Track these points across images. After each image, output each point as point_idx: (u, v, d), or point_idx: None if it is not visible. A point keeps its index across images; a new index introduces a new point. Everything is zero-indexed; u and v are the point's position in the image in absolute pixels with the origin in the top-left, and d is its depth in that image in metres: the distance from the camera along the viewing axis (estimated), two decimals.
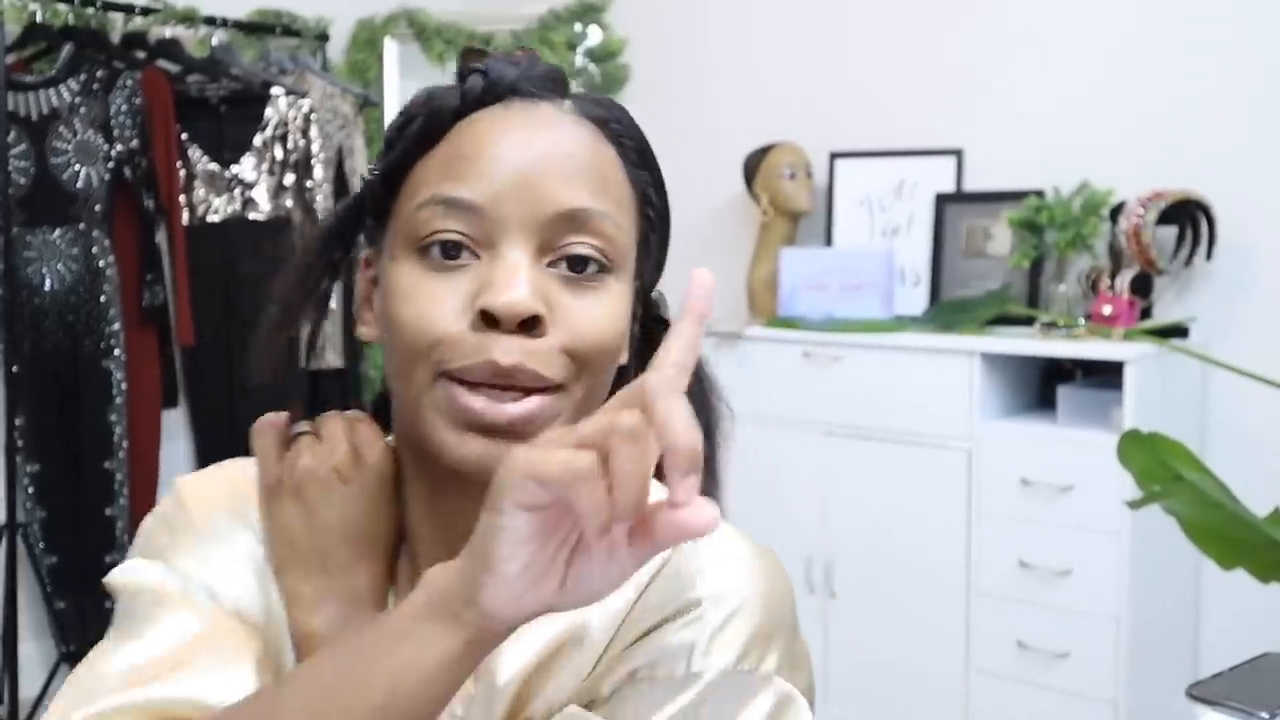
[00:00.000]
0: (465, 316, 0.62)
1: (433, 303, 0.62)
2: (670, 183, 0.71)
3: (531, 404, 0.62)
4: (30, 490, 2.87)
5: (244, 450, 0.76)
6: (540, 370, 0.61)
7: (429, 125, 0.66)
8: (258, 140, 3.17)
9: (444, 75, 3.49)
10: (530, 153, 0.63)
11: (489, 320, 0.61)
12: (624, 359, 0.69)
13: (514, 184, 0.62)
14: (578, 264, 0.64)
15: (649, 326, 0.74)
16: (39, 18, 2.87)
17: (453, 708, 0.64)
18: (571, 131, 0.65)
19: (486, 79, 0.66)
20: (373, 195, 0.69)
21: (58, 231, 2.85)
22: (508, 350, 0.61)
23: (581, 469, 0.46)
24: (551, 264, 0.64)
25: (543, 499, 0.48)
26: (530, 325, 0.61)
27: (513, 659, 0.65)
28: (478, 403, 0.61)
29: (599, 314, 0.64)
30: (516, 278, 0.61)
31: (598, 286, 0.64)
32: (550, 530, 0.50)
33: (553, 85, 0.68)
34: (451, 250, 0.63)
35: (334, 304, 3.57)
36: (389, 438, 0.74)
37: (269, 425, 0.73)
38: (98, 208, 2.87)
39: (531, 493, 0.48)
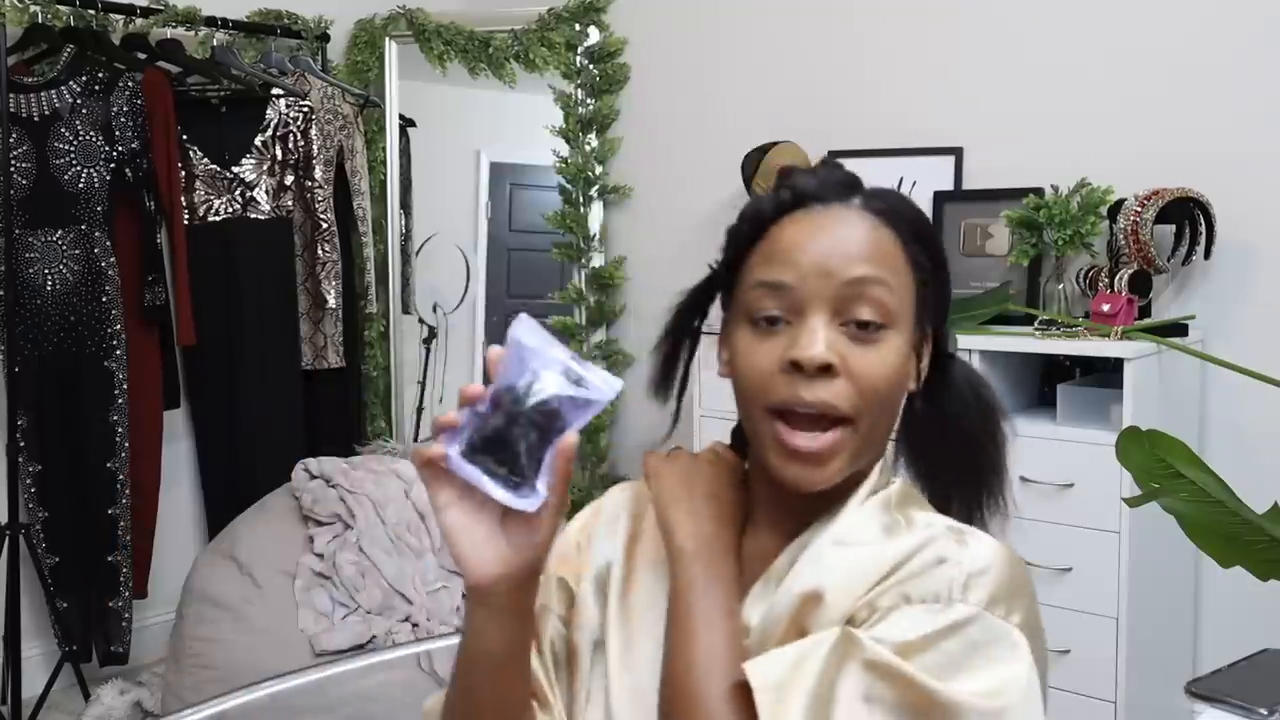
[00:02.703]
0: (778, 364, 0.85)
1: (757, 357, 0.86)
2: (669, 182, 0.79)
3: (829, 437, 0.84)
4: (32, 490, 2.87)
5: (244, 450, 0.85)
6: (832, 402, 0.84)
7: (753, 229, 0.90)
8: (258, 141, 3.18)
9: (444, 75, 3.50)
10: (823, 243, 0.86)
11: (796, 367, 0.83)
12: (911, 387, 0.91)
13: (813, 268, 0.85)
14: (862, 323, 0.85)
15: (936, 358, 0.94)
16: (40, 19, 2.88)
17: (749, 614, 0.87)
18: (855, 223, 0.88)
19: (793, 192, 0.89)
20: (719, 278, 0.94)
21: (59, 232, 2.86)
22: (810, 389, 0.84)
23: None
24: (843, 324, 0.85)
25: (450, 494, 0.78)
26: (825, 370, 0.83)
27: (795, 585, 0.85)
28: (794, 438, 0.84)
29: (878, 362, 0.85)
30: (816, 337, 0.84)
31: (878, 340, 0.86)
32: (467, 505, 0.78)
33: (844, 189, 0.90)
34: (773, 320, 0.86)
35: (333, 303, 3.54)
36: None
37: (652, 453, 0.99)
38: (99, 209, 2.88)
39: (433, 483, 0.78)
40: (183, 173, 3.09)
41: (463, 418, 0.78)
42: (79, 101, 2.87)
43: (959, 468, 0.95)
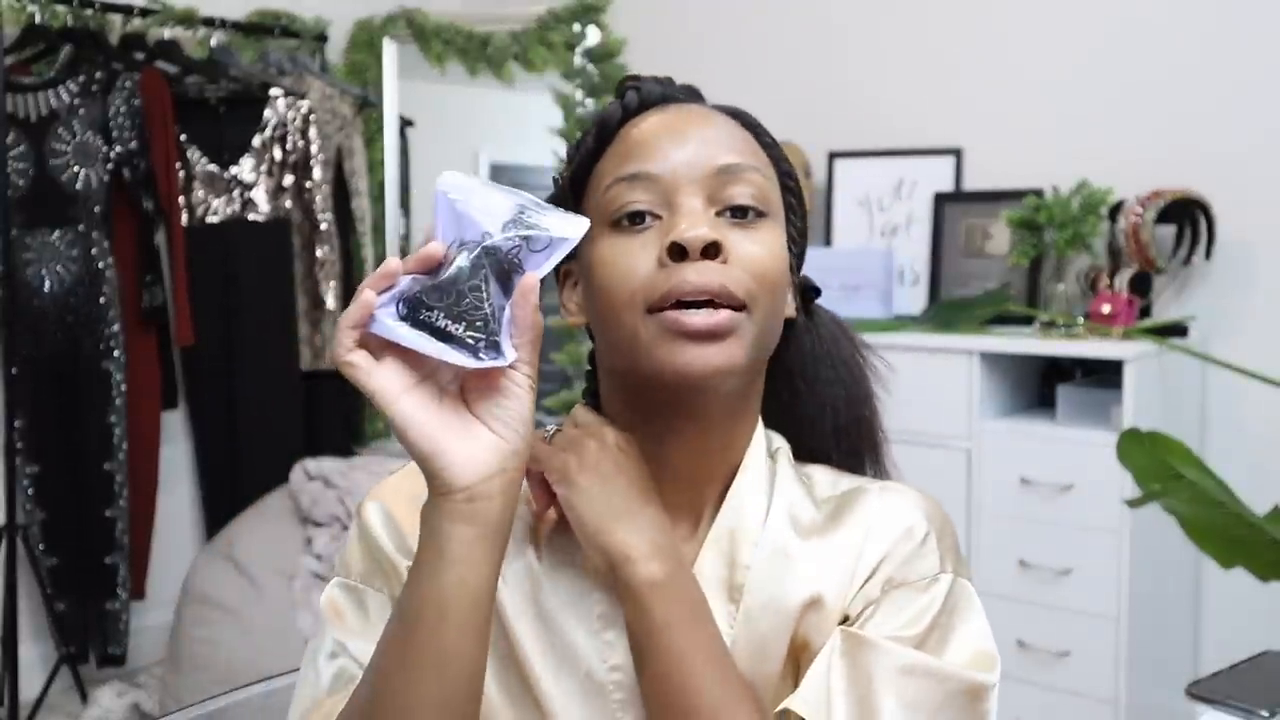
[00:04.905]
0: (656, 259, 0.75)
1: (630, 258, 0.76)
2: None
3: (725, 314, 0.74)
4: (30, 492, 2.87)
5: (243, 451, 0.81)
6: (727, 284, 0.74)
7: (601, 133, 0.82)
8: (256, 141, 3.18)
9: (443, 76, 3.49)
10: (688, 130, 0.79)
11: (678, 253, 0.74)
12: (790, 312, 0.83)
13: (680, 152, 0.77)
14: (739, 210, 0.77)
15: (806, 296, 0.88)
16: (38, 19, 2.87)
17: (720, 626, 0.77)
18: (713, 119, 0.81)
19: (640, 94, 0.82)
20: (564, 199, 0.83)
21: (57, 233, 2.85)
22: (698, 271, 0.74)
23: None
24: (719, 213, 0.77)
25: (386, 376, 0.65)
26: (712, 252, 0.74)
27: (788, 597, 0.79)
28: (686, 317, 0.73)
29: (763, 248, 0.77)
30: (696, 217, 0.75)
31: (758, 227, 0.78)
32: (422, 392, 0.66)
33: (694, 96, 0.85)
34: (638, 217, 0.76)
35: (332, 305, 3.53)
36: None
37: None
38: (97, 209, 2.87)
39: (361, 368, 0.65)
40: (181, 173, 3.08)
41: (399, 282, 0.65)
42: (77, 102, 2.86)
43: (837, 414, 0.88)
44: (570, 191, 0.83)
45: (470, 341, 0.64)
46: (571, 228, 0.67)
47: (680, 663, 0.74)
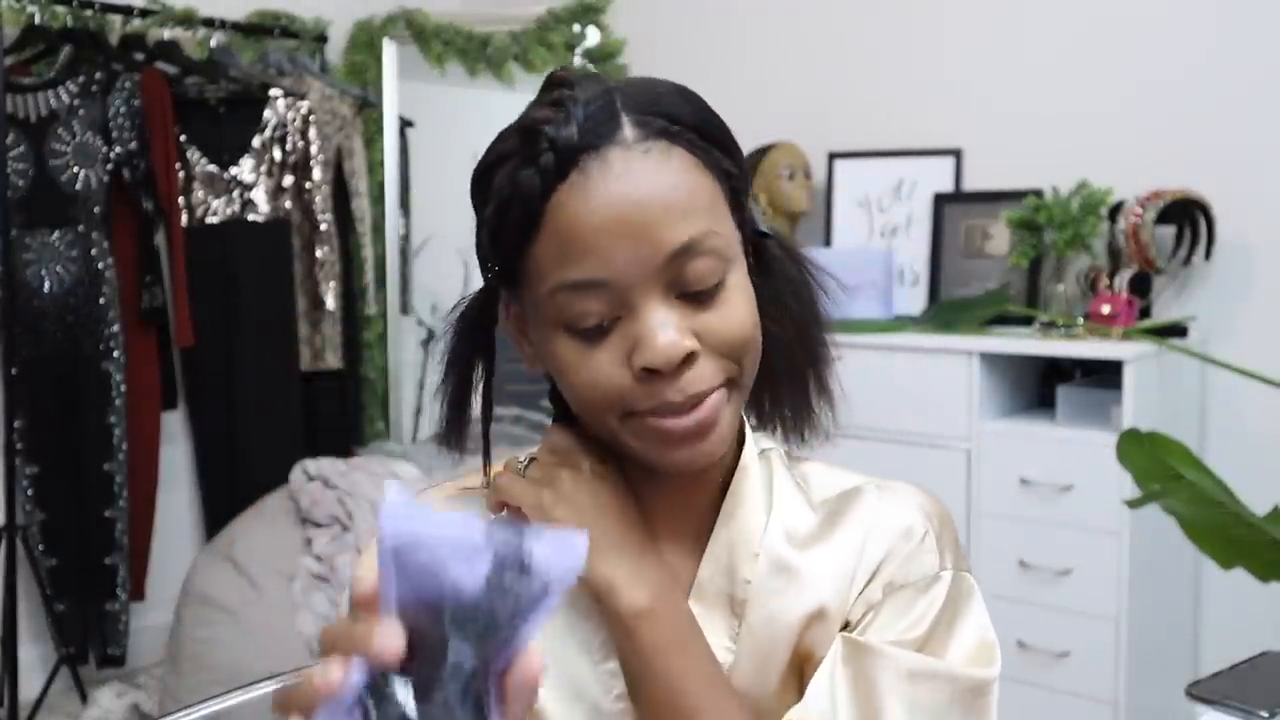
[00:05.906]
0: (627, 369, 0.71)
1: (596, 371, 0.72)
2: None
3: (709, 405, 0.72)
4: (30, 492, 2.87)
5: (242, 452, 0.78)
6: (707, 384, 0.72)
7: (526, 212, 0.71)
8: (256, 142, 3.17)
9: (443, 76, 3.49)
10: (625, 215, 0.69)
11: (652, 371, 0.70)
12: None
13: (625, 247, 0.69)
14: (701, 289, 0.72)
15: (754, 242, 0.80)
16: (38, 20, 2.87)
17: (722, 641, 0.78)
18: (647, 170, 0.71)
19: (555, 152, 0.70)
20: (498, 277, 0.77)
21: (56, 233, 2.85)
22: (676, 389, 0.71)
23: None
24: (679, 296, 0.71)
25: None
26: (687, 359, 0.71)
27: (790, 611, 0.78)
28: (670, 424, 0.72)
29: (734, 314, 0.73)
30: (661, 330, 0.70)
31: (723, 291, 0.72)
32: None
33: (608, 118, 0.71)
34: (594, 325, 0.71)
35: (331, 305, 3.52)
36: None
37: (503, 469, 0.82)
38: (96, 209, 2.87)
39: None
40: (181, 174, 3.08)
41: (346, 676, 0.49)
42: (77, 102, 2.86)
43: (787, 360, 0.81)
44: (504, 271, 0.76)
45: None
46: (565, 560, 0.51)
47: (673, 688, 0.73)
